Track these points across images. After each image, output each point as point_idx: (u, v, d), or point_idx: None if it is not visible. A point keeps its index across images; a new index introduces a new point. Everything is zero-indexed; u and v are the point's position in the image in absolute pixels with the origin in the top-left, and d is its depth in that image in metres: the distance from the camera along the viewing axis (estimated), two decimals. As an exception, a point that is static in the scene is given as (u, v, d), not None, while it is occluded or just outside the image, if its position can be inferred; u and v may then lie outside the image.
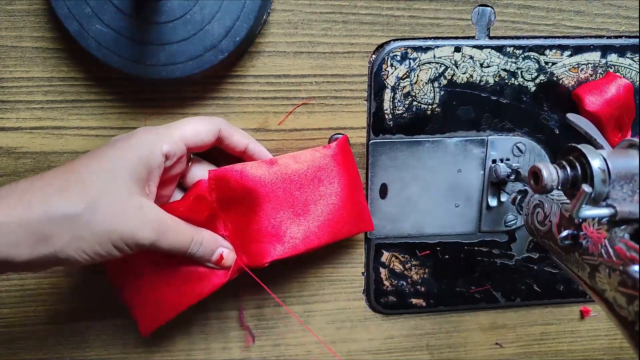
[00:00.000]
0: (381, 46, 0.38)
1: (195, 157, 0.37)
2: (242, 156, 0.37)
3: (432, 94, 0.39)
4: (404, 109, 0.39)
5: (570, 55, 0.39)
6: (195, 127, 0.34)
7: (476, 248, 0.43)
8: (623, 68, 0.40)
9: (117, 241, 0.30)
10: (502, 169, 0.39)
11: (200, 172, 0.36)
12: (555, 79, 0.39)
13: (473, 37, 0.38)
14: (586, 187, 0.26)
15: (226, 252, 0.36)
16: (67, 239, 0.29)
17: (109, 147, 0.32)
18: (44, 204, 0.29)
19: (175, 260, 0.35)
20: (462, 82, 0.39)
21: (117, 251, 0.31)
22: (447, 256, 0.43)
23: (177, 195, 0.37)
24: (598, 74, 0.40)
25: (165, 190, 0.35)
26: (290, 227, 0.35)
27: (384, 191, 0.40)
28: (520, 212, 0.38)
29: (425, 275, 0.43)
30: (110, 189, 0.30)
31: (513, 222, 0.42)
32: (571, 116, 0.36)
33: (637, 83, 0.40)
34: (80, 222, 0.29)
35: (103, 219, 0.30)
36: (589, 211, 0.26)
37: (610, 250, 0.26)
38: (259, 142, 0.38)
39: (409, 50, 0.38)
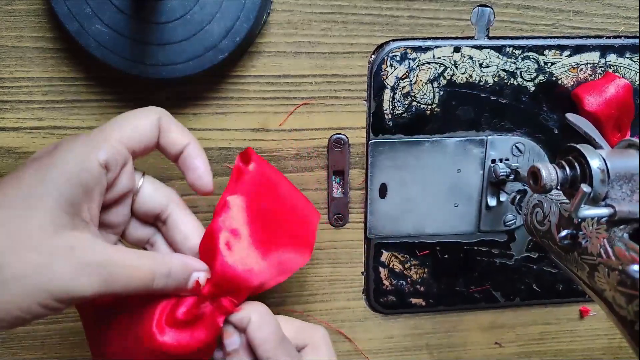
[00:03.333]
0: (381, 46, 0.38)
1: (148, 175, 0.30)
2: (175, 162, 0.30)
3: (431, 94, 0.39)
4: (404, 109, 0.39)
5: (570, 56, 0.39)
6: (133, 123, 0.27)
7: (475, 248, 0.43)
8: (622, 68, 0.40)
9: (45, 300, 0.22)
10: (502, 168, 0.39)
11: (155, 193, 0.29)
12: (554, 79, 0.39)
13: (472, 38, 0.38)
14: (585, 187, 0.26)
15: (202, 276, 0.29)
16: None
17: (27, 167, 0.25)
18: None
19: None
20: (462, 82, 0.39)
21: (51, 311, 0.23)
22: (446, 256, 0.43)
23: (137, 227, 0.30)
24: (597, 74, 0.40)
25: (114, 216, 0.28)
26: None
27: (383, 191, 0.41)
28: (520, 212, 0.38)
29: (424, 275, 0.43)
30: (27, 228, 0.22)
31: (512, 221, 0.42)
32: (570, 116, 0.37)
33: (637, 83, 0.40)
34: None
35: (18, 274, 0.22)
36: (588, 211, 0.26)
37: (610, 250, 0.26)
38: (259, 142, 0.39)
39: (409, 51, 0.38)
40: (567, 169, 0.29)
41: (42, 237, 0.23)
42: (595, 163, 0.27)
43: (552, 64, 0.39)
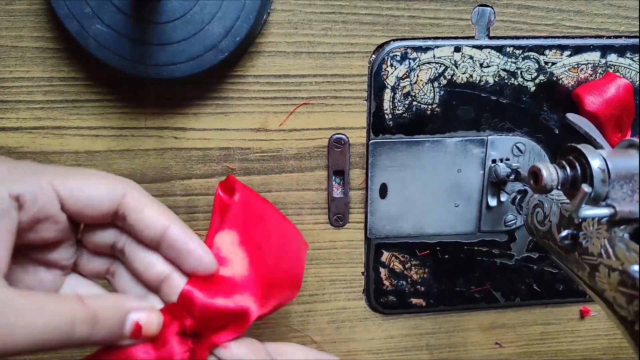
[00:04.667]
0: (381, 46, 0.38)
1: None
2: (155, 247, 0.25)
3: (432, 94, 0.39)
4: (404, 109, 0.39)
5: (570, 55, 0.39)
6: (85, 181, 0.23)
7: (476, 248, 0.43)
8: (623, 68, 0.40)
9: None
10: (502, 168, 0.39)
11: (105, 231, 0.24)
12: (555, 79, 0.39)
13: (473, 37, 0.38)
14: (586, 187, 0.26)
15: (144, 316, 0.23)
16: None
17: None
18: None
19: None
20: (462, 82, 0.39)
21: None
22: (447, 256, 0.43)
23: (90, 258, 0.26)
24: (598, 74, 0.40)
25: (54, 255, 0.24)
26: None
27: (383, 191, 0.41)
28: (520, 212, 0.38)
29: (425, 275, 0.43)
30: None
31: (513, 222, 0.42)
32: (571, 116, 0.37)
33: (637, 83, 0.40)
34: None
35: None
36: (588, 211, 0.26)
37: (610, 250, 0.26)
38: (259, 142, 0.39)
39: (409, 50, 0.38)
40: (568, 169, 0.29)
41: None
42: (595, 163, 0.27)
43: (553, 63, 0.39)
